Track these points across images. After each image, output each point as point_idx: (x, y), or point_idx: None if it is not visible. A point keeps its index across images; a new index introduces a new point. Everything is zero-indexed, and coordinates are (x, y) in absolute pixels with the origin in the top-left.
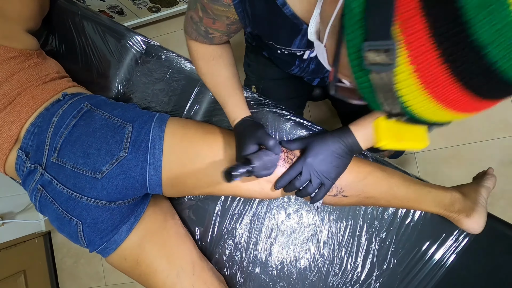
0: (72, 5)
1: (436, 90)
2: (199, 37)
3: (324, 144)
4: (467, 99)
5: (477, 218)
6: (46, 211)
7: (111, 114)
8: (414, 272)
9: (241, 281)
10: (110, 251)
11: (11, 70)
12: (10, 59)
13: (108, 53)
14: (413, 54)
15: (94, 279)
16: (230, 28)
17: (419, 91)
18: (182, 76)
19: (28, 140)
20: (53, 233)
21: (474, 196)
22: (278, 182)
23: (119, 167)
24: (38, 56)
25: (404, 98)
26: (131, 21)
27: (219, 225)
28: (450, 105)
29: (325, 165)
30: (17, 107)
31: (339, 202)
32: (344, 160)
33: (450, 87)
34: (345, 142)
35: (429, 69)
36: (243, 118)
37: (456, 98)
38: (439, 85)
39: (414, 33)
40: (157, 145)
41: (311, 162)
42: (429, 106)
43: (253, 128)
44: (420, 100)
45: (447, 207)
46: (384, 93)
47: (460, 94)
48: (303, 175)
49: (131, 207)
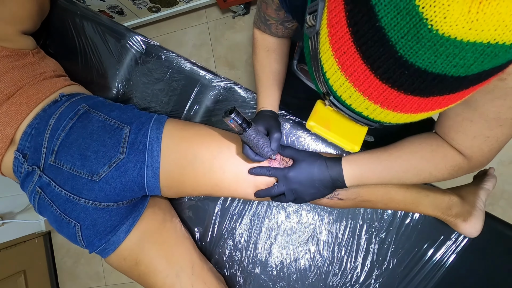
0: (72, 5)
1: (342, 60)
2: (261, 24)
3: (311, 167)
4: (366, 76)
5: (474, 223)
6: (45, 213)
7: (109, 115)
8: (413, 272)
9: (241, 281)
10: (109, 252)
11: (3, 68)
12: (2, 57)
13: (108, 53)
14: (329, 17)
15: (94, 279)
16: (279, 14)
17: (332, 58)
18: (182, 76)
19: (25, 142)
20: (53, 233)
21: (472, 200)
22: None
23: (116, 169)
24: (34, 56)
25: (324, 68)
26: (131, 21)
27: (219, 225)
28: (355, 82)
29: (302, 188)
30: (13, 107)
31: (335, 205)
32: (322, 191)
33: (350, 55)
34: (331, 176)
35: (337, 32)
36: (269, 109)
37: (359, 74)
38: (344, 53)
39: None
40: (154, 147)
41: (291, 178)
42: (341, 81)
43: (270, 118)
44: (333, 71)
45: (444, 211)
46: (314, 62)
47: (360, 68)
48: (279, 187)
49: (130, 207)
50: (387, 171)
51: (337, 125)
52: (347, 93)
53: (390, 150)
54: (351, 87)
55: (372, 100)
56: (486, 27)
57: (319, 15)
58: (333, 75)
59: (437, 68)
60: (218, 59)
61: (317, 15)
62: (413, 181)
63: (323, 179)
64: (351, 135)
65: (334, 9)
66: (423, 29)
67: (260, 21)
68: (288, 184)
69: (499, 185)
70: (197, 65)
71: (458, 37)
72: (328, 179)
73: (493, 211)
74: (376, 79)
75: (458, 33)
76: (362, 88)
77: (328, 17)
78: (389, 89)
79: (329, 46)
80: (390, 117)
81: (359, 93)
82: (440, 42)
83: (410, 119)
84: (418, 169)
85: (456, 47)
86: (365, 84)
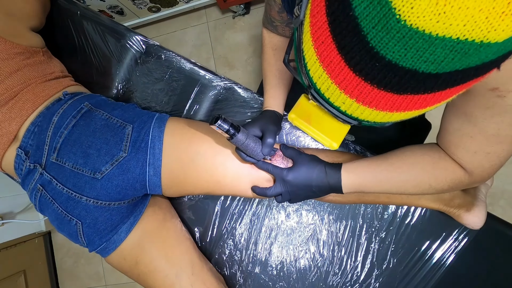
0: (72, 5)
1: (320, 50)
2: (268, 25)
3: (310, 173)
4: (341, 69)
5: (477, 212)
6: (46, 210)
7: (111, 114)
8: (413, 271)
9: (241, 281)
10: (110, 251)
11: (16, 65)
12: (16, 54)
13: (108, 53)
14: (312, 6)
15: (94, 279)
16: (282, 16)
17: (312, 49)
18: (182, 76)
19: (28, 139)
20: (53, 233)
21: (473, 192)
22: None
23: (118, 167)
24: (43, 55)
25: (306, 59)
26: (131, 21)
27: (219, 225)
28: (332, 74)
29: (299, 191)
30: (19, 104)
31: (336, 200)
32: (318, 194)
33: (327, 45)
34: (329, 183)
35: (316, 21)
36: (272, 109)
37: (335, 66)
38: (322, 43)
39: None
40: (156, 145)
41: (289, 180)
42: (319, 73)
43: (270, 120)
44: (313, 62)
45: (447, 202)
46: (298, 53)
47: (336, 60)
48: (276, 188)
49: (131, 207)
50: (386, 181)
51: (318, 120)
52: (325, 85)
53: (391, 160)
54: (328, 78)
55: (348, 94)
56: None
57: (304, 5)
58: (313, 65)
59: (408, 62)
60: (218, 59)
61: (302, 5)
62: (411, 192)
63: (320, 185)
64: (331, 132)
65: (317, 2)
66: (392, 19)
67: (267, 22)
68: (285, 186)
69: (499, 185)
70: (197, 65)
71: (426, 30)
72: (326, 185)
73: (493, 211)
74: (350, 71)
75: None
76: (338, 80)
77: (311, 6)
78: (362, 82)
79: (310, 36)
80: (366, 114)
81: (336, 86)
82: (409, 34)
83: (387, 118)
84: (418, 181)
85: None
86: (340, 76)
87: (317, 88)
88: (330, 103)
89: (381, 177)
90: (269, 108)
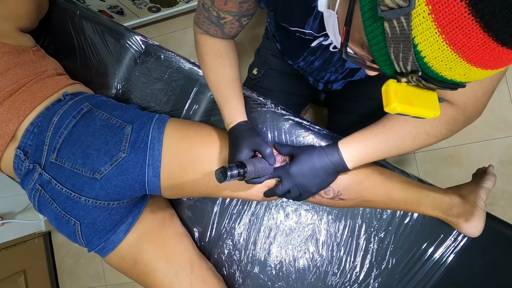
0: (71, 5)
1: (452, 35)
2: (211, 25)
3: (311, 158)
4: (486, 46)
5: (475, 223)
6: (45, 210)
7: (111, 115)
8: (412, 272)
9: (240, 281)
10: (108, 251)
11: (5, 65)
12: (3, 54)
13: (107, 53)
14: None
15: (94, 279)
16: (242, 7)
17: (435, 36)
18: (181, 76)
19: (27, 140)
20: (53, 233)
21: (473, 199)
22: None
23: (117, 167)
24: (34, 53)
25: (419, 48)
26: (131, 21)
27: (218, 225)
28: (467, 54)
29: (307, 180)
30: (16, 104)
31: (336, 205)
32: (327, 179)
33: (468, 29)
34: (332, 162)
35: (446, 9)
36: (239, 122)
37: (474, 45)
38: (457, 27)
39: None
40: (156, 146)
41: (293, 173)
42: (445, 56)
43: (250, 133)
44: (435, 49)
45: (445, 211)
46: (397, 44)
47: (478, 39)
48: (283, 185)
49: (130, 207)
50: (384, 142)
51: (416, 98)
52: (448, 66)
53: (382, 122)
54: (458, 58)
55: (481, 66)
56: None
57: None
58: (434, 52)
59: None
60: None
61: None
62: (414, 146)
63: (324, 166)
64: (429, 103)
65: None
66: None
67: (210, 22)
68: (292, 180)
69: (499, 185)
70: (196, 65)
71: None
72: (329, 166)
73: (493, 211)
74: (498, 46)
75: None
76: (475, 58)
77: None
78: (501, 48)
79: (431, 23)
80: (479, 75)
81: (467, 64)
82: None
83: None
84: (414, 133)
85: None
86: (479, 53)
87: (434, 71)
88: (445, 80)
89: (379, 141)
90: (236, 122)
